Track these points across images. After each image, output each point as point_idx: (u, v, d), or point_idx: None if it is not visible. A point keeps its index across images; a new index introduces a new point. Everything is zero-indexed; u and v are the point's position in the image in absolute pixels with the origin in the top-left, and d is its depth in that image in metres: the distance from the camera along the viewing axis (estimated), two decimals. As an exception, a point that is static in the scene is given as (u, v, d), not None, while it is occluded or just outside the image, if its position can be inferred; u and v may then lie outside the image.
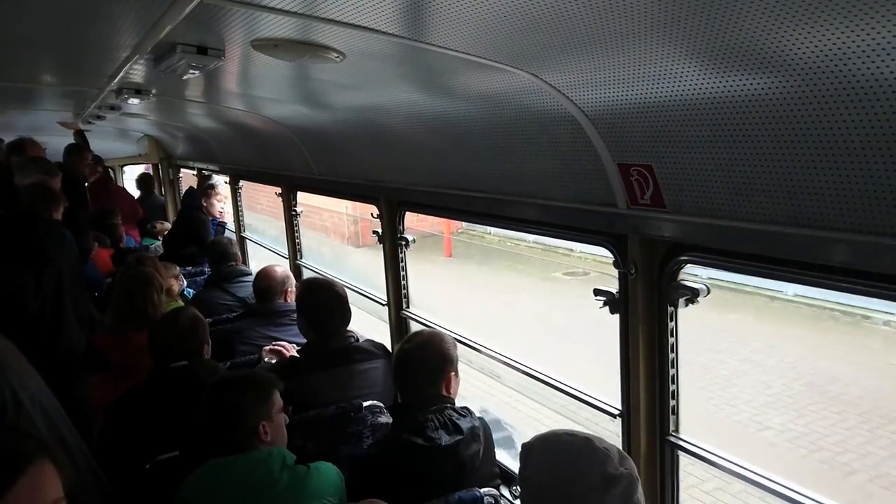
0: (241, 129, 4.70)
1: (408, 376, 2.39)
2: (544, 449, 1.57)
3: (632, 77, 1.61)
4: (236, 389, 2.19)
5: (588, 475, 1.47)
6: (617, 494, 1.46)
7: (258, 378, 2.25)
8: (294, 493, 2.04)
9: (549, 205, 2.35)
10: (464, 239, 16.63)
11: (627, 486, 1.47)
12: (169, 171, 8.81)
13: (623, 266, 2.14)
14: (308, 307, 3.09)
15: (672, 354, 2.14)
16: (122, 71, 3.01)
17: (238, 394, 2.17)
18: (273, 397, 2.22)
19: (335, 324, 3.04)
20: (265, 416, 2.18)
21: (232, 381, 2.25)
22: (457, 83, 2.18)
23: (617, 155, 1.93)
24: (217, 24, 1.97)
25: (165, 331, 2.70)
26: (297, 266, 5.19)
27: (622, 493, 1.46)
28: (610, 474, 1.46)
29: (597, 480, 1.46)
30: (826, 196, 1.46)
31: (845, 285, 1.57)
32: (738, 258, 1.80)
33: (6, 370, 2.05)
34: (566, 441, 1.54)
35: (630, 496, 1.47)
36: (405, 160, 3.19)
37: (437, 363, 2.38)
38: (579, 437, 1.54)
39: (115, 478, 2.38)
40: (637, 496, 1.49)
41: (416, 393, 2.35)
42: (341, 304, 3.07)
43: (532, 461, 1.57)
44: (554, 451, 1.55)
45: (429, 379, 2.35)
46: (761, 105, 1.43)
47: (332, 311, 3.04)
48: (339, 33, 1.83)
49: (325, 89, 2.89)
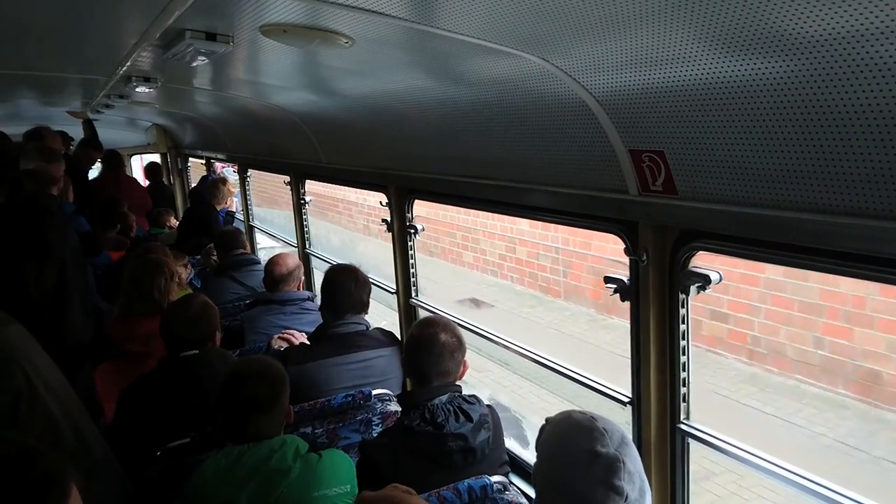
0: (250, 118, 4.69)
1: (426, 361, 2.35)
2: (557, 421, 1.65)
3: (643, 61, 1.59)
4: (268, 380, 2.19)
5: (578, 449, 1.53)
6: (597, 472, 1.50)
7: (275, 366, 2.26)
8: (307, 481, 2.05)
9: (560, 192, 2.33)
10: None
11: (608, 466, 1.50)
12: (177, 160, 8.83)
13: (634, 253, 2.13)
14: (323, 286, 3.15)
15: (683, 342, 2.13)
16: (131, 58, 3.01)
17: (271, 385, 2.18)
18: (288, 385, 2.24)
19: (344, 306, 3.05)
20: (284, 404, 2.20)
21: (262, 372, 2.23)
22: (466, 69, 2.16)
23: (628, 141, 1.91)
24: (225, 10, 1.96)
25: (177, 318, 2.71)
26: (306, 254, 5.20)
27: (603, 472, 1.49)
28: (595, 451, 1.51)
29: (583, 455, 1.52)
30: (841, 181, 1.44)
31: (858, 271, 1.55)
32: (750, 245, 1.78)
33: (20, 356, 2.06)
34: (574, 417, 1.61)
35: (609, 477, 1.49)
36: (414, 148, 3.18)
37: (459, 350, 2.38)
38: (587, 415, 1.60)
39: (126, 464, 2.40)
40: (618, 482, 1.49)
41: (430, 379, 2.33)
42: (353, 288, 3.08)
43: (545, 432, 1.67)
44: (562, 424, 1.62)
45: (450, 367, 2.36)
46: (775, 89, 1.42)
47: (341, 292, 3.06)
48: (349, 17, 1.81)
49: (334, 76, 2.87)
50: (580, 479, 1.52)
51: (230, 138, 6.02)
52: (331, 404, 2.76)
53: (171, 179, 8.95)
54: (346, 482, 2.14)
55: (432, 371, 2.33)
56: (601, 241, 7.99)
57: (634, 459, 1.56)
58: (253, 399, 2.13)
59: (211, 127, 6.09)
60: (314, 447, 2.18)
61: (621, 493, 1.49)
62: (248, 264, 4.67)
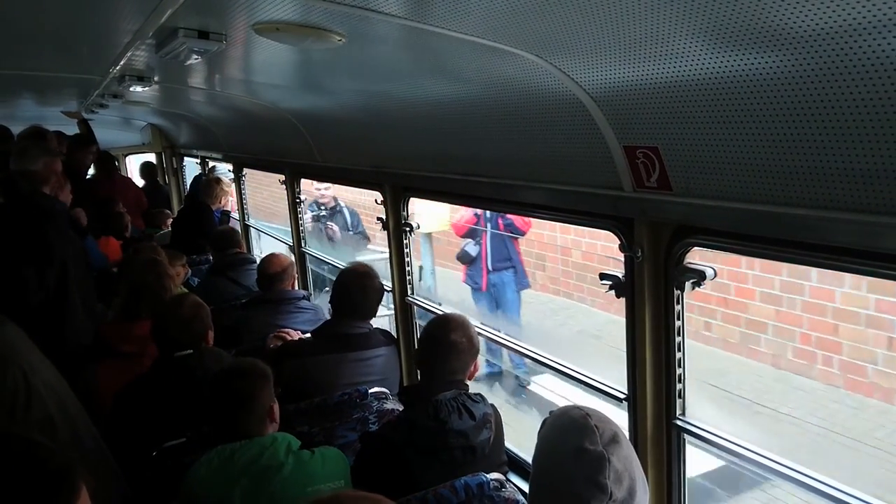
0: (244, 117, 4.68)
1: (434, 358, 2.37)
2: (556, 415, 1.66)
3: (637, 57, 1.59)
4: (244, 376, 2.20)
5: (566, 444, 1.54)
6: (581, 469, 1.49)
7: (260, 364, 2.27)
8: (299, 478, 2.06)
9: (555, 189, 2.33)
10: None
11: (593, 463, 1.49)
12: (172, 159, 8.79)
13: (629, 250, 2.13)
14: (334, 286, 3.17)
15: (679, 338, 2.13)
16: (125, 57, 3.00)
17: (247, 380, 2.18)
18: (270, 383, 2.25)
19: (350, 312, 3.07)
20: (272, 400, 2.20)
21: (240, 369, 2.25)
22: (460, 66, 2.16)
23: (623, 137, 1.91)
24: (218, 7, 1.96)
25: (168, 319, 2.70)
26: (301, 253, 5.19)
27: (588, 469, 1.49)
28: (581, 448, 1.50)
29: (571, 450, 1.52)
30: (836, 176, 1.44)
31: (852, 266, 1.55)
32: (745, 240, 1.78)
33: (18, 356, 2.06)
34: (570, 413, 1.61)
35: (594, 474, 1.48)
36: (409, 145, 3.17)
37: (469, 351, 2.39)
38: (583, 411, 1.60)
39: (123, 465, 2.40)
40: (603, 479, 1.47)
41: (441, 376, 2.34)
42: (362, 298, 3.09)
43: (545, 425, 1.68)
44: (559, 419, 1.63)
45: (461, 366, 2.37)
46: (768, 84, 1.41)
47: (347, 294, 3.08)
48: (342, 15, 1.81)
49: (328, 74, 2.87)
50: (567, 473, 1.52)
51: (225, 137, 6.00)
52: (328, 403, 2.76)
53: (167, 179, 8.91)
54: (339, 478, 2.14)
55: (438, 368, 2.35)
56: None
57: (625, 459, 1.53)
58: (233, 394, 2.14)
59: (206, 126, 6.07)
60: (310, 446, 2.18)
61: (605, 492, 1.47)
62: (244, 264, 4.66)
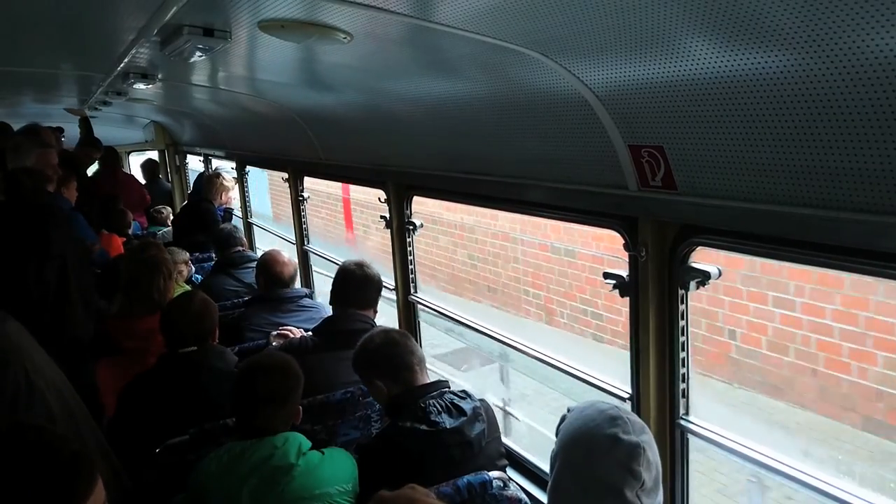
0: (248, 115, 4.68)
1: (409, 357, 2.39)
2: (581, 409, 1.75)
3: (643, 56, 1.58)
4: (285, 375, 2.20)
5: (601, 434, 1.63)
6: (618, 456, 1.60)
7: (295, 364, 2.26)
8: (309, 479, 2.05)
9: (559, 188, 2.32)
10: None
11: (629, 451, 1.60)
12: (175, 157, 8.80)
13: (633, 249, 2.12)
14: (333, 281, 3.19)
15: (682, 338, 2.13)
16: (129, 55, 3.00)
17: (286, 380, 2.19)
18: (301, 384, 2.26)
19: (348, 301, 3.08)
20: (297, 401, 2.22)
21: (280, 367, 2.23)
22: (465, 64, 2.15)
23: (628, 136, 1.90)
24: (223, 5, 1.96)
25: (177, 315, 2.70)
26: (305, 251, 5.19)
27: (623, 457, 1.60)
28: (617, 437, 1.61)
29: (605, 439, 1.62)
30: (841, 176, 1.43)
31: (857, 266, 1.55)
32: (750, 240, 1.78)
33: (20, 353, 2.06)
34: (598, 406, 1.72)
35: (629, 462, 1.59)
36: (413, 144, 3.17)
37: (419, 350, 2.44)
38: (611, 405, 1.72)
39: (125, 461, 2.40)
40: (637, 467, 1.59)
41: (415, 373, 2.36)
42: (359, 284, 3.10)
43: (567, 419, 1.76)
44: (587, 411, 1.72)
45: (420, 365, 2.40)
46: (774, 83, 1.41)
47: (346, 287, 3.09)
48: (347, 13, 1.81)
49: (332, 72, 2.86)
50: (599, 461, 1.62)
51: (228, 135, 6.00)
52: (330, 401, 2.75)
53: (170, 177, 8.92)
54: (347, 480, 2.14)
55: (416, 363, 2.38)
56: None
57: (654, 450, 1.66)
58: (269, 392, 2.14)
59: (209, 124, 6.07)
60: (315, 444, 2.17)
61: (638, 479, 1.60)
62: (246, 261, 4.65)
